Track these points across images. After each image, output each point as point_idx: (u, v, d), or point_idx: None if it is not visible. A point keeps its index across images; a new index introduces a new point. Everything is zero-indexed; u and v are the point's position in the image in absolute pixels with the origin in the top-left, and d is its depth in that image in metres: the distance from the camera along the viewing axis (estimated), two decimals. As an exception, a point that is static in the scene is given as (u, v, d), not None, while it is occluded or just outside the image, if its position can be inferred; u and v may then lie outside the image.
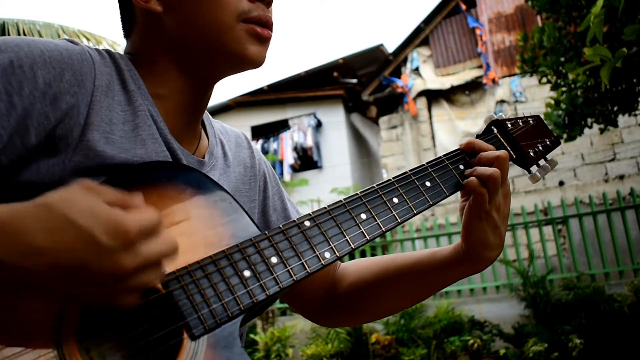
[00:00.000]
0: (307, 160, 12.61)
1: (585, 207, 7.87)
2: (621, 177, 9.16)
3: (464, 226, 0.91)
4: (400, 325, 6.72)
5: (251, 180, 1.01)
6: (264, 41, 0.84)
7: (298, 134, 12.65)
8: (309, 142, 12.50)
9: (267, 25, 0.84)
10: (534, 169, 1.03)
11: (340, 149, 12.54)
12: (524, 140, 1.04)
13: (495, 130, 1.03)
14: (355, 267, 1.03)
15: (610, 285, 6.40)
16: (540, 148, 1.05)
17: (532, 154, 1.03)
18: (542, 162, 1.05)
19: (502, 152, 0.91)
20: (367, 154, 13.58)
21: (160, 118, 0.82)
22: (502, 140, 1.02)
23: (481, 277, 7.39)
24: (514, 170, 9.77)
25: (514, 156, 1.02)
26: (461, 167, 0.94)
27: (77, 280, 0.54)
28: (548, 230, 8.24)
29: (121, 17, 0.89)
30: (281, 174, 12.44)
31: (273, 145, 12.85)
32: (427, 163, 0.93)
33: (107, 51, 0.82)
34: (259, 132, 13.39)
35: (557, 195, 9.33)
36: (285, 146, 12.63)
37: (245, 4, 0.82)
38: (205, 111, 0.97)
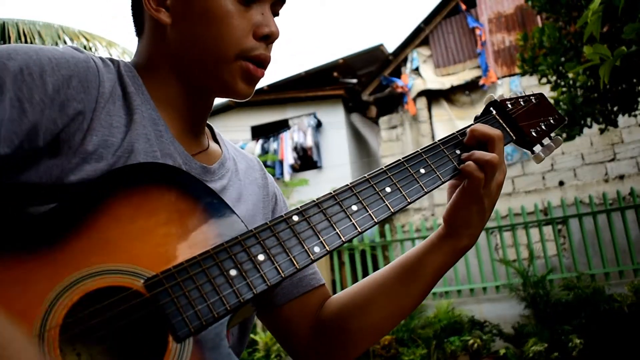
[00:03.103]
0: (307, 160, 12.59)
1: (585, 207, 7.85)
2: (621, 177, 9.14)
3: (452, 204, 0.90)
4: (400, 325, 6.71)
5: (264, 199, 1.03)
6: (256, 80, 0.87)
7: (298, 134, 12.62)
8: (309, 142, 12.47)
9: (264, 65, 0.86)
10: (537, 148, 1.00)
11: (340, 149, 12.51)
12: (525, 120, 1.00)
13: (494, 112, 0.99)
14: (338, 295, 1.01)
15: (610, 285, 6.40)
16: (543, 127, 1.01)
17: (534, 133, 1.00)
18: (546, 141, 1.01)
19: (496, 132, 0.90)
20: (367, 154, 13.55)
21: (162, 122, 0.85)
22: (501, 122, 0.98)
23: (481, 277, 7.38)
24: (514, 171, 9.76)
25: (514, 137, 0.98)
26: (457, 151, 0.91)
27: None
28: (548, 230, 8.23)
29: (133, 18, 0.92)
30: (281, 174, 12.42)
31: (273, 145, 12.81)
32: (421, 149, 0.90)
33: (111, 59, 0.86)
34: (259, 132, 13.37)
35: (557, 195, 9.31)
36: (285, 146, 12.60)
37: (250, 42, 0.84)
38: (220, 133, 1.01)
